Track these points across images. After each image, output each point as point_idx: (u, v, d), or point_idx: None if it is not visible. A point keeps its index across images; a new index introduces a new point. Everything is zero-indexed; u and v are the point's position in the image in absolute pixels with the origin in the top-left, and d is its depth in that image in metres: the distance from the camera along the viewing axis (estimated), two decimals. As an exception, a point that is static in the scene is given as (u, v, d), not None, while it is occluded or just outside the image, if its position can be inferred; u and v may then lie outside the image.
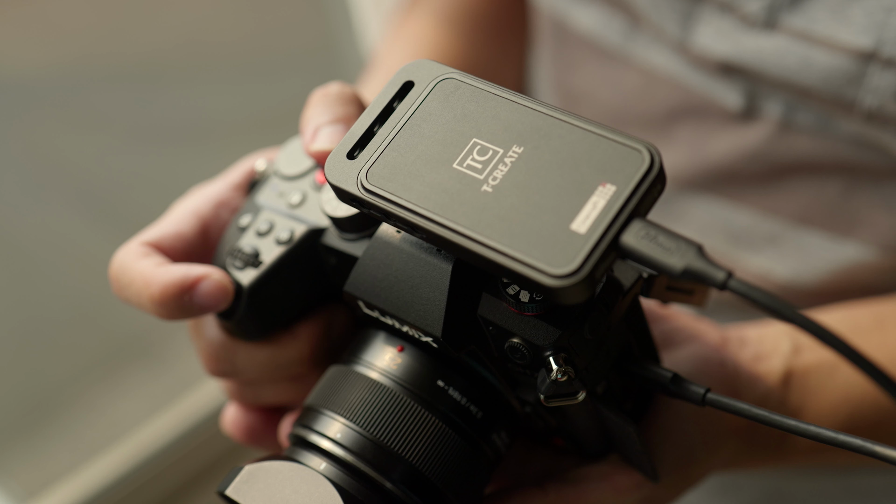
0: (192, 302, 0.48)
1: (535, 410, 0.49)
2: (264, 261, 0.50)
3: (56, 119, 1.36)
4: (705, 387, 0.46)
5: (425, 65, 0.46)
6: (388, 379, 0.47)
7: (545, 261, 0.39)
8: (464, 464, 0.47)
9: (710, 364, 0.54)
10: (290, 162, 0.53)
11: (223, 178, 0.55)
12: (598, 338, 0.45)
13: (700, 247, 0.39)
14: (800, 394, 0.56)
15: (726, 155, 0.66)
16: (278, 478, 0.45)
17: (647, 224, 0.40)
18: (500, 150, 0.42)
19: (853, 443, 0.41)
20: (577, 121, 0.42)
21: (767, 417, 0.44)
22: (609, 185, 0.40)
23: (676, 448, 0.52)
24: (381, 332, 0.49)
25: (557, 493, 0.50)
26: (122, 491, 1.26)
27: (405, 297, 0.46)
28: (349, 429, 0.46)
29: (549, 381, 0.43)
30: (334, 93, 0.51)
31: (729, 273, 0.38)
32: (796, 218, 0.65)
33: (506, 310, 0.44)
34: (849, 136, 0.61)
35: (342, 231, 0.49)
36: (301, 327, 0.52)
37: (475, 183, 0.42)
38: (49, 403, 1.35)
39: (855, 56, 0.57)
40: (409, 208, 0.42)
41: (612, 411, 0.47)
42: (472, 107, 0.44)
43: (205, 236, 0.53)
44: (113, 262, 0.51)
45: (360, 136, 0.44)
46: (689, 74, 0.65)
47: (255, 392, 0.55)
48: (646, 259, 0.39)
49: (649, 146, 0.41)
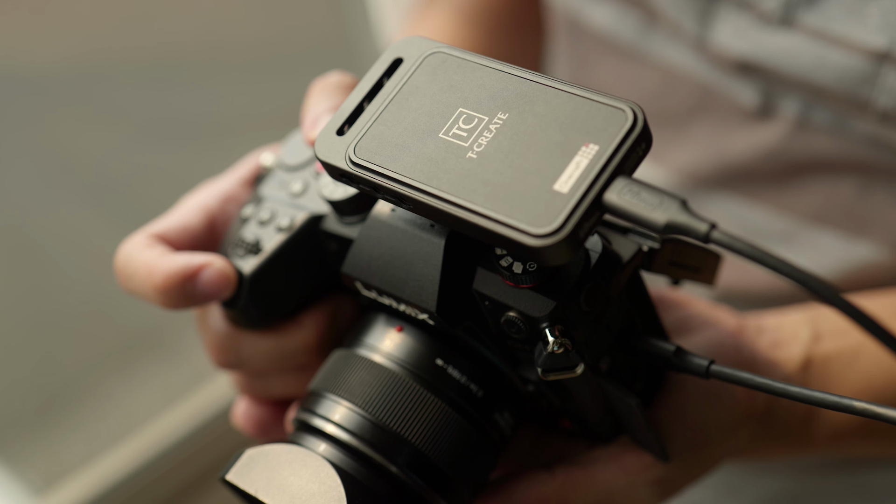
0: (195, 290, 0.48)
1: (538, 389, 0.49)
2: (265, 248, 0.50)
3: (71, 115, 1.37)
4: (709, 359, 0.46)
5: (415, 41, 0.46)
6: (388, 360, 0.47)
7: (528, 221, 0.39)
8: (468, 445, 0.47)
9: (726, 349, 0.53)
10: (292, 153, 0.53)
11: (231, 173, 0.55)
12: (596, 311, 0.45)
13: (684, 200, 0.39)
14: (820, 381, 0.55)
15: (742, 153, 0.66)
16: (278, 461, 0.45)
17: (630, 181, 0.40)
18: (485, 118, 0.43)
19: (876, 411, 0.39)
20: (561, 85, 0.42)
21: (770, 385, 0.43)
22: (592, 144, 0.40)
23: (688, 429, 0.51)
24: (381, 314, 0.49)
25: (565, 474, 0.50)
26: (138, 483, 1.27)
27: (400, 274, 0.46)
28: (352, 412, 0.46)
29: (546, 354, 0.43)
30: (334, 82, 0.52)
31: (712, 224, 0.38)
32: (811, 217, 0.66)
33: (500, 283, 0.44)
34: (864, 136, 0.61)
35: (341, 215, 0.50)
36: (306, 316, 0.52)
37: (460, 150, 0.42)
38: (64, 395, 1.35)
39: (869, 56, 0.58)
40: (396, 179, 0.42)
41: (614, 386, 0.47)
42: (458, 77, 0.44)
43: (211, 230, 0.53)
44: (118, 254, 0.51)
45: (349, 114, 0.45)
46: (706, 72, 0.66)
47: (263, 384, 0.55)
48: (629, 215, 0.39)
49: (632, 105, 0.41)
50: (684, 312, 0.54)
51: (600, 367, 0.47)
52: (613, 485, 0.50)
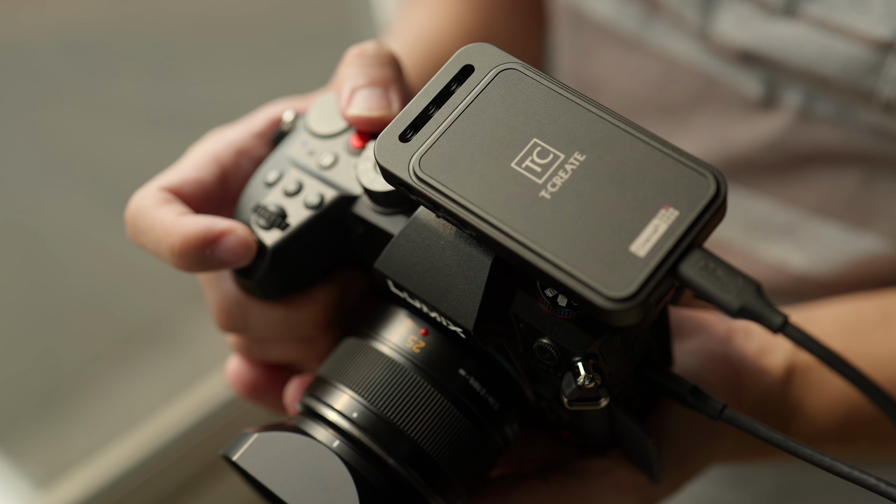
0: (213, 256, 0.47)
1: (549, 405, 0.49)
2: (291, 223, 0.49)
3: (68, 104, 1.36)
4: (722, 403, 0.46)
5: (487, 49, 0.44)
6: (405, 359, 0.47)
7: (601, 281, 0.38)
8: (470, 447, 0.47)
9: (716, 360, 0.53)
10: (322, 119, 0.51)
11: (244, 123, 0.53)
12: (627, 345, 0.45)
13: (759, 285, 0.38)
14: (801, 388, 0.56)
15: (745, 144, 0.65)
16: (287, 449, 0.45)
17: (706, 255, 0.39)
18: (561, 155, 0.41)
19: (866, 480, 0.41)
20: (642, 134, 0.41)
21: (783, 442, 0.43)
22: (672, 208, 0.39)
23: (678, 447, 0.52)
24: (404, 310, 0.48)
25: (560, 485, 0.50)
26: (140, 476, 1.27)
27: (439, 284, 0.45)
28: (362, 405, 0.46)
29: (576, 387, 0.43)
30: (371, 52, 0.50)
31: (786, 318, 0.38)
32: (814, 208, 0.65)
33: (540, 310, 0.43)
34: (868, 127, 0.61)
35: (375, 203, 0.48)
36: (318, 290, 0.51)
37: (533, 187, 0.41)
38: (66, 388, 1.35)
39: (873, 46, 0.57)
40: (463, 204, 0.41)
41: (633, 421, 0.47)
42: (534, 104, 0.42)
43: (224, 184, 0.52)
44: (130, 206, 0.49)
45: (414, 118, 0.43)
46: (708, 62, 0.65)
47: (263, 349, 0.54)
48: (702, 291, 0.39)
49: (716, 172, 0.40)
50: (675, 315, 0.54)
51: (612, 392, 0.47)
52: (603, 498, 0.51)
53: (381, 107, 0.49)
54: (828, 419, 0.57)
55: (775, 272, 0.67)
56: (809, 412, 0.56)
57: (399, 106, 0.49)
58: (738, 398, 0.54)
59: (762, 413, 0.55)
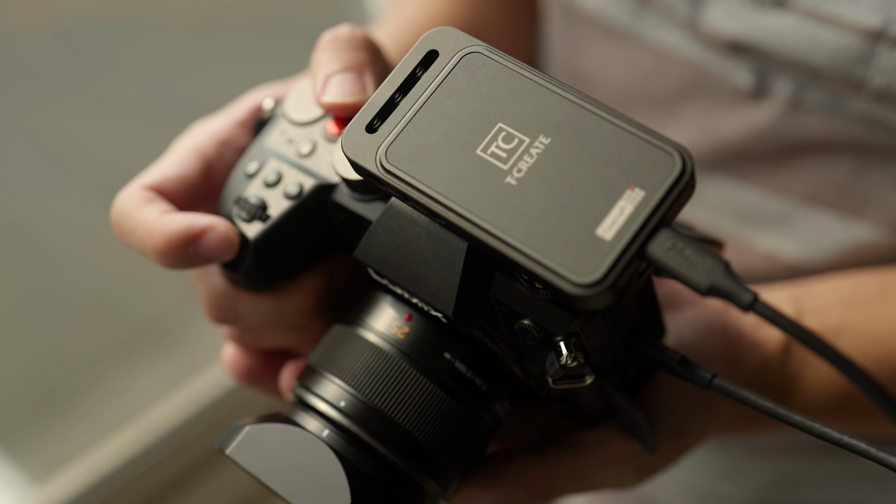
0: (197, 253, 0.48)
1: (539, 382, 0.49)
2: (271, 215, 0.49)
3: (68, 101, 1.36)
4: (712, 372, 0.46)
5: (450, 33, 0.44)
6: (390, 346, 0.47)
7: (568, 267, 0.39)
8: (460, 429, 0.47)
9: (712, 330, 0.53)
10: (299, 106, 0.51)
11: (226, 113, 0.54)
12: (610, 321, 0.45)
13: (727, 264, 0.38)
14: (799, 360, 0.56)
15: (736, 134, 0.65)
16: (279, 442, 0.46)
17: (674, 235, 0.39)
18: (525, 139, 0.41)
19: (857, 446, 0.41)
20: (607, 113, 0.41)
21: (773, 410, 0.43)
22: (638, 189, 0.39)
23: (675, 417, 0.51)
24: (388, 295, 0.49)
25: (555, 458, 0.50)
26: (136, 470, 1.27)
27: (417, 271, 0.45)
28: (348, 394, 0.46)
29: (559, 366, 0.43)
30: (344, 37, 0.50)
31: (755, 295, 0.38)
32: (806, 197, 0.65)
33: (518, 291, 0.43)
34: (859, 116, 0.61)
35: (353, 191, 0.49)
36: (305, 278, 0.52)
37: (499, 174, 0.41)
38: (66, 387, 1.35)
39: (864, 35, 0.57)
40: (430, 195, 0.41)
41: (621, 395, 0.47)
42: (498, 87, 0.42)
43: (208, 177, 0.52)
44: (114, 206, 0.50)
45: (380, 107, 0.43)
46: (698, 53, 0.65)
47: (256, 337, 0.54)
48: (671, 271, 0.39)
49: (681, 149, 0.39)
50: (671, 287, 0.54)
51: (602, 366, 0.47)
52: (600, 469, 0.51)
53: (355, 92, 0.49)
54: (826, 392, 0.56)
55: (768, 262, 0.67)
56: (808, 384, 0.56)
57: (374, 90, 0.49)
58: (735, 369, 0.54)
59: (760, 385, 0.55)
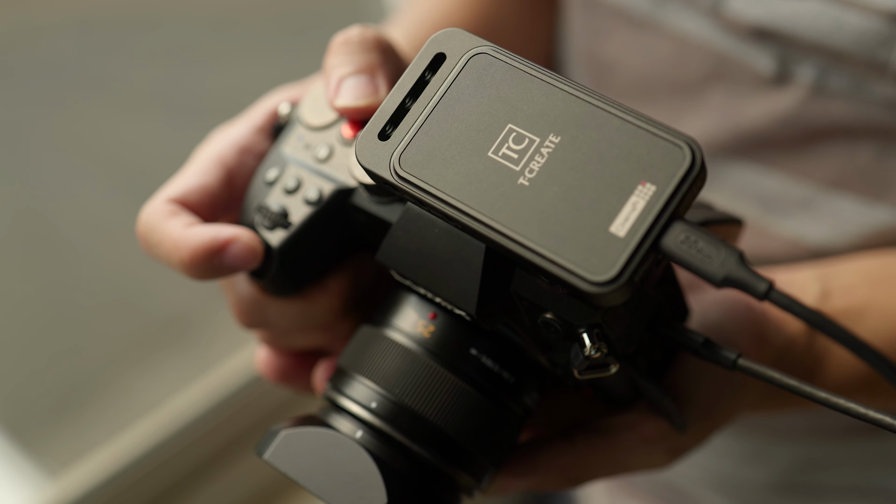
0: (222, 264, 0.48)
1: (565, 371, 0.49)
2: (293, 222, 0.50)
3: (87, 97, 1.37)
4: (736, 352, 0.46)
5: (457, 35, 0.44)
6: (416, 345, 0.48)
7: (584, 266, 0.39)
8: (490, 422, 0.48)
9: (738, 308, 0.53)
10: (314, 111, 0.52)
11: (245, 119, 0.54)
12: (631, 309, 0.45)
13: (741, 254, 0.39)
14: (825, 340, 0.56)
15: (758, 120, 0.65)
16: (315, 445, 0.47)
17: (687, 227, 0.39)
18: (536, 139, 0.41)
19: (882, 419, 0.41)
20: (616, 108, 0.41)
21: (798, 388, 0.43)
22: (649, 183, 0.39)
23: (704, 396, 0.52)
24: (413, 295, 0.49)
25: (586, 444, 0.50)
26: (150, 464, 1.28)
27: (438, 271, 0.45)
28: (378, 394, 0.47)
29: (583, 357, 0.43)
30: (355, 38, 0.51)
31: (770, 283, 0.38)
32: (829, 182, 0.65)
33: (539, 286, 0.43)
34: (882, 100, 0.61)
35: (371, 194, 0.49)
36: (331, 280, 0.52)
37: (511, 175, 0.41)
38: (86, 386, 1.36)
39: (887, 17, 0.57)
40: (444, 200, 0.41)
41: (646, 380, 0.47)
42: (506, 87, 0.42)
43: (230, 185, 0.53)
44: (140, 221, 0.51)
45: (391, 114, 0.44)
46: (721, 40, 0.65)
47: (287, 340, 0.55)
48: (685, 264, 0.39)
49: (690, 141, 0.40)
50: None
51: (627, 351, 0.47)
52: (631, 453, 0.51)
53: (367, 94, 0.49)
54: (852, 372, 0.56)
55: (792, 247, 0.67)
56: (833, 364, 0.56)
57: (387, 91, 0.49)
58: (761, 348, 0.54)
59: (786, 364, 0.55)
